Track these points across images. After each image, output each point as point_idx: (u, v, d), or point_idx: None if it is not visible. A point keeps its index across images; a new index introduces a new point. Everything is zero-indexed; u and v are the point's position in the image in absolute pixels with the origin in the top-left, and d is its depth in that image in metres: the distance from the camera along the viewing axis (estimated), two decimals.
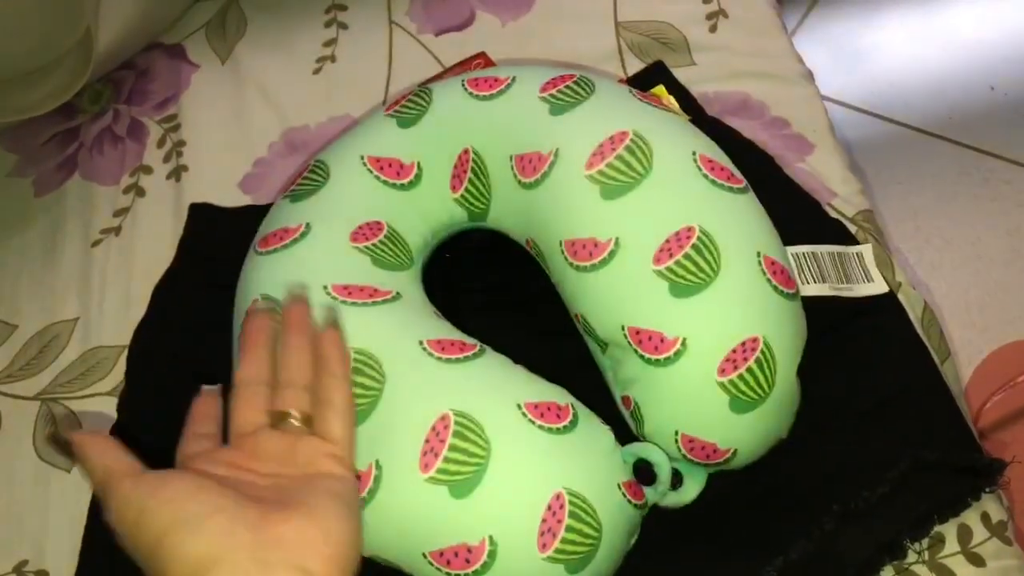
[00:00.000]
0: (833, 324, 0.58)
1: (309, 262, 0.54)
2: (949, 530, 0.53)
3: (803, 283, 0.59)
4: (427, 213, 0.59)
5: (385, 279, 0.55)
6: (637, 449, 0.51)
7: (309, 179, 0.59)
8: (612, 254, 0.51)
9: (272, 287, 0.53)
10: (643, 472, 0.51)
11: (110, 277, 0.70)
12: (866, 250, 0.61)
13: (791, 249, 0.59)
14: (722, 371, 0.48)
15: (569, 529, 0.45)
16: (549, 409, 0.48)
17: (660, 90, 0.70)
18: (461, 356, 0.50)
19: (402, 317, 0.52)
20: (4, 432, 0.65)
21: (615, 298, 0.51)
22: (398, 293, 0.54)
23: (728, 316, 0.49)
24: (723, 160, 0.54)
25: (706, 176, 0.52)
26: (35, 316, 0.70)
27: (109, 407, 0.63)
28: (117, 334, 0.67)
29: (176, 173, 0.75)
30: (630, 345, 0.51)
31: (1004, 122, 1.25)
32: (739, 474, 0.54)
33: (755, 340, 0.49)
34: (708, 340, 0.49)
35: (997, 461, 0.54)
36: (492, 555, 0.45)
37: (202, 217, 0.70)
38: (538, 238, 0.56)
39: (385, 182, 0.58)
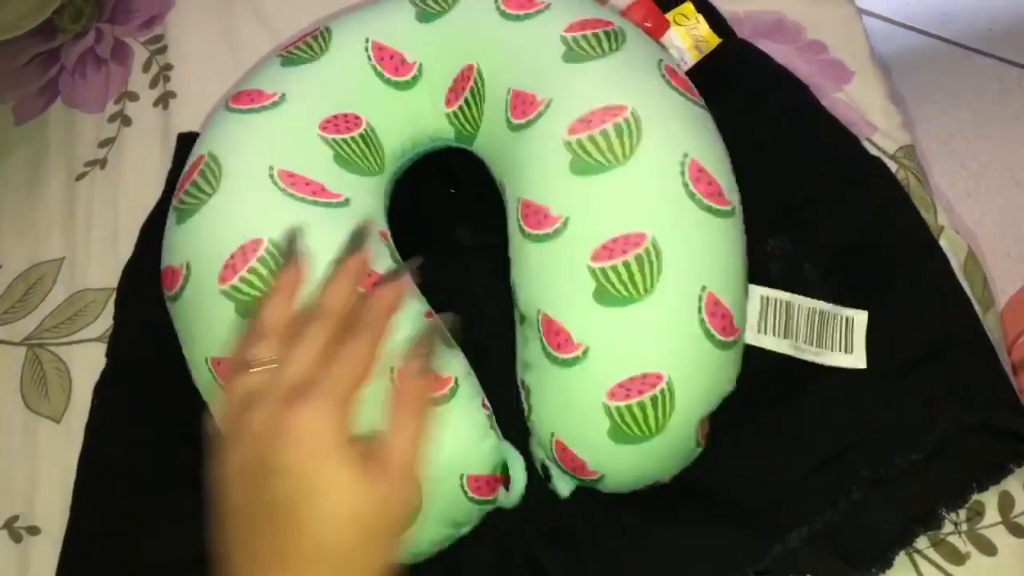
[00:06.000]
0: (864, 265, 0.55)
1: (268, 135, 0.52)
2: (989, 498, 0.50)
3: (760, 331, 0.53)
4: (415, 119, 0.55)
5: (340, 180, 0.52)
6: (506, 451, 0.48)
7: (308, 46, 0.55)
8: (556, 232, 0.47)
9: (226, 148, 0.51)
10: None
11: (96, 214, 0.66)
12: (859, 317, 0.53)
13: (764, 291, 0.53)
14: (612, 395, 0.45)
15: None
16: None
17: (687, 7, 0.64)
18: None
19: (335, 228, 0.50)
20: None
21: (543, 278, 0.48)
22: (347, 199, 0.51)
23: (639, 342, 0.45)
24: (718, 171, 0.48)
25: (687, 185, 0.46)
26: (19, 255, 0.66)
27: (98, 353, 0.60)
28: (104, 276, 0.64)
29: (163, 100, 0.70)
30: (539, 332, 0.47)
31: None
32: (757, 436, 0.51)
33: (658, 376, 0.44)
34: (609, 359, 0.45)
35: None
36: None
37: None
38: (507, 185, 0.52)
39: (380, 75, 0.54)
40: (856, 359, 0.52)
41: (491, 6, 0.53)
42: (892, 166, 0.59)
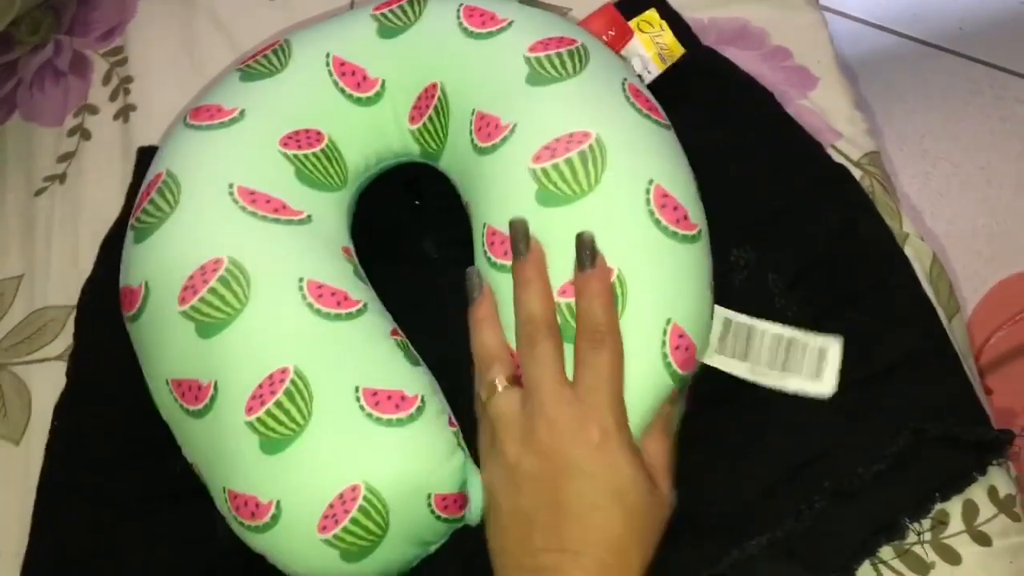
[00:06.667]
0: (828, 275, 0.54)
1: (228, 152, 0.51)
2: (953, 507, 0.50)
3: (719, 352, 0.51)
4: (379, 135, 0.55)
5: (302, 196, 0.51)
6: (471, 470, 0.48)
7: (268, 60, 0.54)
8: None
9: (185, 166, 0.51)
10: None
11: (56, 230, 0.65)
12: (833, 347, 0.51)
13: (728, 313, 0.52)
14: None
15: (353, 522, 0.44)
16: (389, 398, 0.46)
17: (652, 15, 0.64)
18: (332, 311, 0.47)
19: (298, 245, 0.49)
20: None
21: (507, 310, 0.48)
22: (309, 216, 0.51)
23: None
24: (683, 194, 0.48)
25: (652, 213, 0.46)
26: None
27: (59, 372, 0.59)
28: (65, 293, 0.63)
29: (124, 113, 0.69)
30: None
31: (1020, 35, 1.18)
32: (718, 449, 0.51)
33: None
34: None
35: (1005, 432, 0.50)
36: (275, 519, 0.45)
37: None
38: (473, 207, 0.51)
39: (342, 90, 0.53)
40: (822, 386, 0.51)
41: (453, 23, 0.52)
42: (857, 173, 0.59)
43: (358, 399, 0.46)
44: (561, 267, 0.46)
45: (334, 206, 0.53)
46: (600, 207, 0.46)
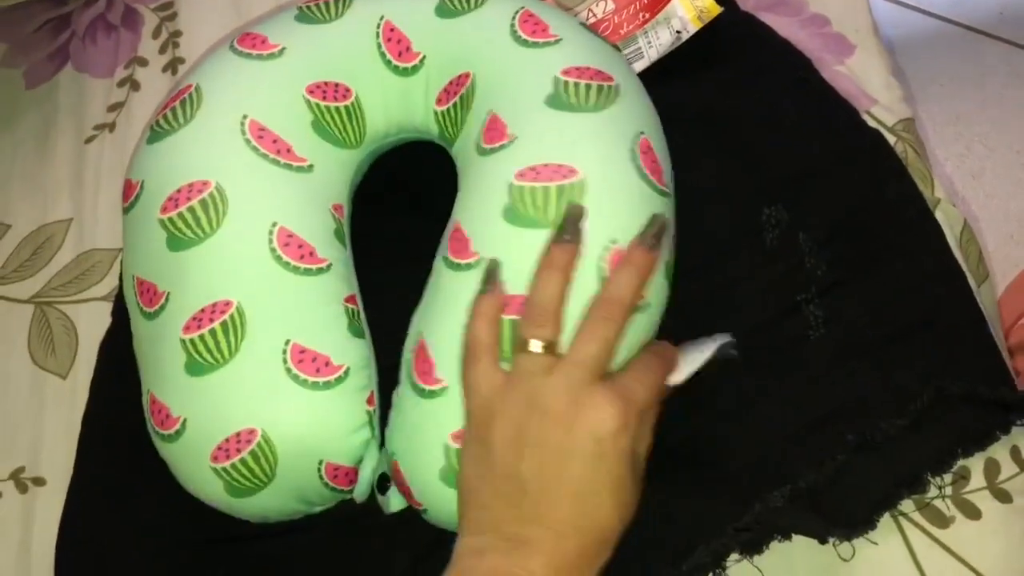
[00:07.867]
0: (859, 235, 0.55)
1: (254, 84, 0.53)
2: (975, 464, 0.50)
3: None
4: (405, 106, 0.55)
5: (312, 145, 0.53)
6: (371, 452, 0.49)
7: (326, 6, 0.56)
8: (469, 267, 0.47)
9: (212, 86, 0.52)
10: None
11: (104, 176, 0.67)
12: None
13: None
14: (456, 437, 0.45)
15: (242, 462, 0.46)
16: (314, 360, 0.48)
17: None
18: (292, 262, 0.49)
19: (286, 191, 0.51)
20: None
21: (442, 305, 0.48)
22: (311, 165, 0.52)
23: None
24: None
25: (601, 270, 0.45)
26: (28, 216, 0.67)
27: (104, 312, 0.62)
28: (112, 236, 0.65)
29: (172, 65, 0.71)
30: (411, 355, 0.48)
31: None
32: (743, 400, 0.51)
33: None
34: (459, 405, 0.45)
35: None
36: (178, 434, 0.47)
37: None
38: (456, 200, 0.51)
39: (383, 55, 0.54)
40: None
41: (506, 23, 0.52)
42: (891, 139, 0.59)
43: (284, 352, 0.47)
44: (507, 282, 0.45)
45: (341, 162, 0.54)
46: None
